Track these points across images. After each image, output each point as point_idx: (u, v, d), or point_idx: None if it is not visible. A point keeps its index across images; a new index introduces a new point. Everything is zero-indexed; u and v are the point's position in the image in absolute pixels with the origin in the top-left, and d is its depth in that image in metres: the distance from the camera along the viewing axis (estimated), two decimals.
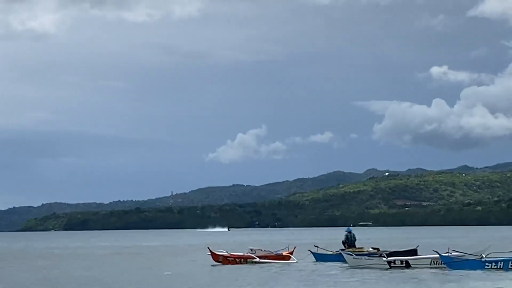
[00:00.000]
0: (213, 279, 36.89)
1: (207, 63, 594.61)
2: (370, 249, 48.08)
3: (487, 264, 37.82)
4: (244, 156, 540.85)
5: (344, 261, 45.38)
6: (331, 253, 49.92)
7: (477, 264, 38.08)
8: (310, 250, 49.87)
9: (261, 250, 50.28)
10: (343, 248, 48.40)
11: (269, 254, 48.96)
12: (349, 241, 48.60)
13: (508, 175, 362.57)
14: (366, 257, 43.21)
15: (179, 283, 34.50)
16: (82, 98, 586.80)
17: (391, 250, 44.81)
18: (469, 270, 37.32)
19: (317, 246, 51.06)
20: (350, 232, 49.35)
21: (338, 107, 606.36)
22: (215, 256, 48.58)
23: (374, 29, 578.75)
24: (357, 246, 48.54)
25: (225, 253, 49.17)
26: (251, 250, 49.76)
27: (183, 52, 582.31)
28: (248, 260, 47.68)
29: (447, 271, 38.09)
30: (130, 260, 58.09)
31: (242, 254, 49.56)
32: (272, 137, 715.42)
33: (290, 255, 48.80)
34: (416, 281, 33.77)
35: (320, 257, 49.22)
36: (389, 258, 41.40)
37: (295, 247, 50.60)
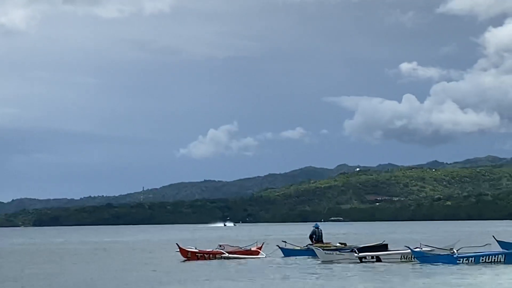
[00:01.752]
0: (180, 275, 36.78)
1: (178, 59, 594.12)
2: (338, 244, 48.54)
3: (458, 259, 38.13)
4: (215, 151, 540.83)
5: (312, 256, 45.82)
6: (298, 248, 50.13)
7: (449, 258, 38.41)
8: (278, 245, 50.04)
9: (230, 245, 50.33)
10: (311, 243, 48.86)
11: (237, 250, 49.00)
12: (317, 236, 49.13)
13: (478, 170, 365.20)
14: (338, 252, 43.43)
15: (146, 279, 34.35)
16: (53, 94, 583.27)
17: (362, 245, 45.01)
18: (441, 264, 37.62)
19: (285, 242, 51.27)
20: (317, 227, 49.83)
21: (309, 103, 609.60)
22: (183, 252, 48.54)
23: (345, 26, 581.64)
24: (324, 241, 49.04)
25: (193, 249, 49.16)
26: (220, 245, 49.81)
27: (154, 48, 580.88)
28: (217, 255, 47.67)
29: (418, 265, 38.36)
30: (101, 257, 57.82)
31: (211, 250, 49.54)
32: (244, 132, 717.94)
33: (259, 250, 48.85)
34: (388, 274, 33.91)
35: (288, 252, 49.39)
36: (360, 254, 41.61)
37: (263, 243, 50.67)
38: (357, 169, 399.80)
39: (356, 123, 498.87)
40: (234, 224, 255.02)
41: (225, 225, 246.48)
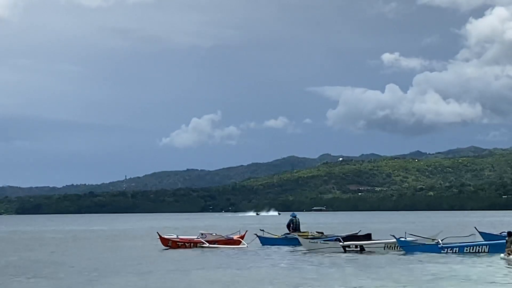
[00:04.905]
0: (159, 263, 36.42)
1: (162, 48, 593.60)
2: (315, 233, 48.84)
3: (443, 248, 38.09)
4: (198, 140, 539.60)
5: (289, 244, 46.63)
6: (276, 237, 50.18)
7: (434, 248, 38.39)
8: (256, 234, 50.01)
9: (211, 234, 50.02)
10: (288, 232, 49.17)
11: (219, 239, 48.64)
12: (294, 225, 49.61)
13: (460, 160, 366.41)
14: (322, 241, 43.34)
15: (125, 267, 33.96)
16: (36, 82, 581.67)
17: (345, 235, 45.10)
18: (426, 253, 37.59)
19: (262, 230, 51.36)
20: (295, 217, 50.44)
21: (292, 92, 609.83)
22: (164, 241, 48.13)
23: (328, 16, 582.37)
24: (301, 231, 49.29)
25: (174, 237, 48.79)
26: (201, 234, 49.48)
27: (138, 37, 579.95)
28: (198, 244, 47.32)
29: (403, 254, 38.25)
30: (82, 245, 57.38)
31: (191, 238, 49.16)
32: (227, 122, 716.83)
33: (241, 239, 48.53)
34: (373, 263, 33.69)
35: (265, 241, 49.39)
36: (344, 243, 41.46)
37: (246, 232, 50.41)
38: (340, 159, 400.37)
39: (339, 113, 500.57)
40: (279, 213, 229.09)
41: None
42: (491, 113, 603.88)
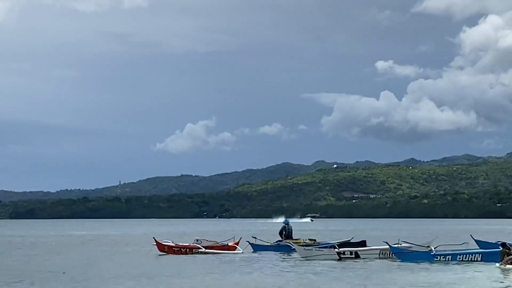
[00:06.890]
0: (156, 269, 36.56)
1: (157, 53, 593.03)
2: (307, 240, 49.14)
3: (436, 256, 38.23)
4: (193, 146, 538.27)
5: (281, 251, 47.06)
6: (268, 244, 50.46)
7: (426, 256, 38.50)
8: (248, 241, 50.27)
9: (206, 240, 50.23)
10: (280, 239, 49.48)
11: (214, 245, 48.88)
12: (286, 232, 50.15)
13: (454, 168, 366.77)
14: (316, 248, 43.50)
15: (122, 273, 34.10)
16: (31, 86, 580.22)
17: (341, 241, 45.33)
18: (419, 261, 37.69)
19: (255, 237, 51.62)
20: (287, 224, 50.73)
21: (287, 98, 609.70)
22: (160, 246, 48.30)
23: (323, 22, 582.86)
24: (294, 238, 49.57)
25: (170, 243, 48.96)
26: (197, 240, 49.70)
27: (133, 42, 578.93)
28: (193, 250, 47.52)
29: (396, 262, 38.41)
30: (77, 250, 57.48)
31: (187, 244, 49.38)
32: (221, 128, 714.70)
33: (236, 245, 48.76)
34: (367, 270, 33.87)
35: (257, 248, 49.73)
36: (339, 250, 41.63)
37: (240, 238, 50.61)
38: (335, 165, 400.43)
39: (334, 119, 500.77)
40: (312, 220, 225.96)
41: (312, 219, 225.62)
42: (486, 121, 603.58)
